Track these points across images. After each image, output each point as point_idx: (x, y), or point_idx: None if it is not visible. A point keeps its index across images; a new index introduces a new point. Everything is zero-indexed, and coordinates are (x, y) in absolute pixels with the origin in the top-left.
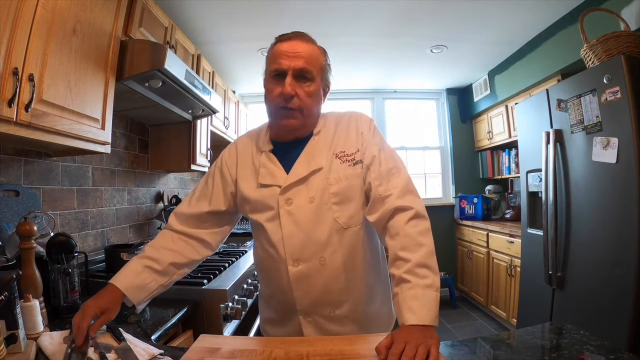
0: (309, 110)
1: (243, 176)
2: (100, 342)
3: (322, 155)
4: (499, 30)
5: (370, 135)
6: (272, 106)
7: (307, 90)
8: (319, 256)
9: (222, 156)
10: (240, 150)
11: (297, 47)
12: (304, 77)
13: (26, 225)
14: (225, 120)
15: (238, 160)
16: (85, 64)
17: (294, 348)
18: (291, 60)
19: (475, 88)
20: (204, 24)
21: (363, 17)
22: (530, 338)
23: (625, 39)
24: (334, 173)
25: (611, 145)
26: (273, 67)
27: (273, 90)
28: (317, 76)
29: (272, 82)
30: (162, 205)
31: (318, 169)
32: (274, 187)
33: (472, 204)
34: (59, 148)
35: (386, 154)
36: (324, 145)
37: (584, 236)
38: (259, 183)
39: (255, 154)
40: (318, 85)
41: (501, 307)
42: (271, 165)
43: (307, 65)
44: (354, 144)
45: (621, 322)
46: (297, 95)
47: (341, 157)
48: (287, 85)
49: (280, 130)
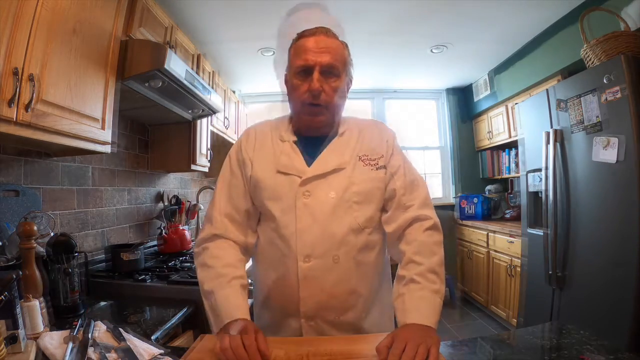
0: (335, 106)
1: (259, 159)
2: (101, 342)
3: (347, 155)
4: (499, 30)
5: (395, 146)
6: (298, 102)
7: (333, 85)
8: (333, 254)
9: (239, 142)
10: (259, 134)
11: (323, 42)
12: (330, 73)
13: (26, 225)
14: (225, 120)
15: (256, 144)
16: (85, 63)
17: (294, 348)
18: (318, 55)
19: (475, 88)
20: (205, 24)
21: (363, 17)
22: (531, 338)
23: (625, 39)
24: (358, 174)
25: (611, 145)
26: (299, 62)
27: (299, 87)
28: (342, 72)
29: (298, 78)
30: (162, 205)
31: (341, 167)
32: (293, 177)
33: (473, 204)
34: (59, 148)
35: (409, 166)
36: (347, 146)
37: (584, 236)
38: (277, 169)
39: (275, 141)
40: (343, 81)
41: (501, 307)
42: (293, 155)
43: (334, 61)
44: (378, 149)
45: (622, 322)
46: (324, 91)
47: (364, 160)
48: (316, 81)
49: (306, 127)
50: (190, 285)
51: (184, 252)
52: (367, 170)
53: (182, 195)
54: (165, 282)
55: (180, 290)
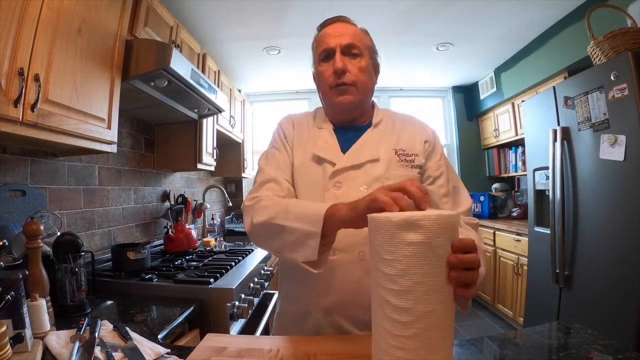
0: (363, 85)
1: (297, 142)
2: (107, 342)
3: (382, 147)
4: (504, 27)
5: (438, 146)
6: (325, 87)
7: (358, 65)
8: (359, 250)
9: (280, 124)
10: (297, 120)
11: (341, 27)
12: (352, 54)
13: (33, 225)
14: (231, 119)
15: (295, 127)
16: (90, 63)
17: (301, 347)
18: (337, 38)
19: (481, 86)
20: (209, 23)
21: (368, 15)
22: (538, 337)
23: (633, 35)
24: (393, 169)
25: (619, 142)
26: (321, 48)
27: (324, 72)
28: (364, 52)
29: (322, 65)
30: (168, 204)
31: (376, 159)
32: (327, 165)
33: (479, 202)
34: (65, 148)
35: (451, 170)
36: (383, 137)
37: (591, 234)
38: (313, 153)
39: (311, 128)
40: (368, 62)
41: (508, 305)
42: (330, 141)
43: (354, 41)
44: (416, 147)
45: (629, 321)
46: (348, 70)
47: (400, 154)
48: (338, 60)
49: (337, 110)
50: (196, 284)
51: (190, 251)
52: (402, 167)
53: (188, 195)
54: (171, 281)
55: (186, 290)
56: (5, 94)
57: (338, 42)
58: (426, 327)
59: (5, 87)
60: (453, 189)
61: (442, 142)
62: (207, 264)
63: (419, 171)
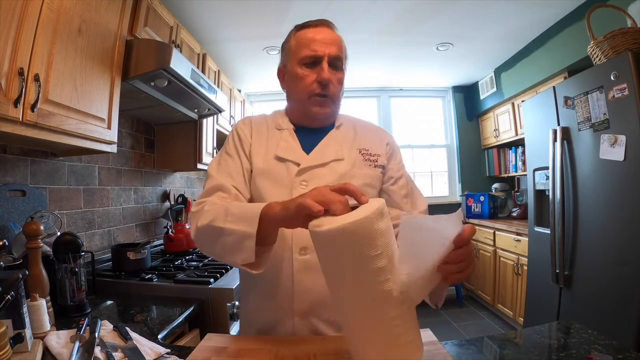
0: (338, 98)
1: (257, 146)
2: (107, 342)
3: (346, 147)
4: (504, 27)
5: (397, 150)
6: (304, 93)
7: (338, 77)
8: None
9: (236, 128)
10: (255, 123)
11: (329, 34)
12: (336, 66)
13: (33, 225)
14: (231, 119)
15: (253, 130)
16: (91, 63)
17: (301, 347)
18: (326, 47)
19: (481, 86)
20: (209, 23)
21: (369, 16)
22: (538, 337)
23: (633, 35)
24: (357, 168)
25: (619, 142)
26: (306, 53)
27: (306, 77)
28: (344, 65)
29: (305, 69)
30: (168, 204)
31: (340, 158)
32: (291, 165)
33: (479, 202)
34: (65, 148)
35: (407, 174)
36: (346, 138)
37: (591, 234)
38: (275, 155)
39: (271, 130)
40: (344, 73)
41: (508, 305)
42: (292, 142)
43: (340, 53)
44: (378, 148)
45: (629, 321)
46: (332, 82)
47: (364, 154)
48: (327, 72)
49: (311, 118)
50: (196, 284)
51: (190, 251)
52: (365, 166)
53: (188, 195)
54: (171, 281)
55: (186, 290)
56: (6, 94)
57: (327, 52)
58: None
59: (5, 87)
60: (411, 191)
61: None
62: (207, 264)
63: (382, 171)
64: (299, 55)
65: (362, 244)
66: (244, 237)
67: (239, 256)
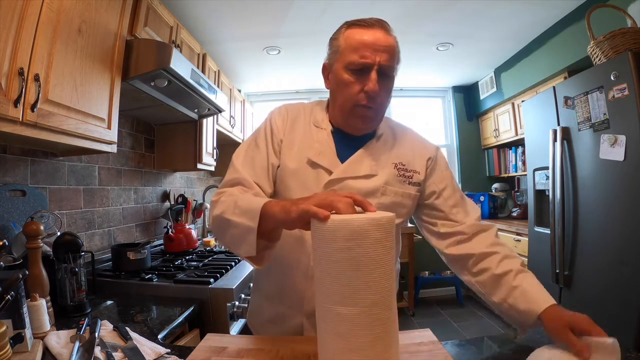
0: (384, 109)
1: (290, 141)
2: (107, 342)
3: (382, 161)
4: (504, 27)
5: (440, 162)
6: (348, 101)
7: (387, 88)
8: None
9: (271, 117)
10: (291, 112)
11: (383, 39)
12: (386, 75)
13: (33, 225)
14: (231, 119)
15: (288, 122)
16: (91, 63)
17: (300, 347)
18: (377, 54)
19: (481, 86)
20: (209, 23)
21: (369, 15)
22: (538, 337)
23: (633, 35)
24: (390, 184)
25: (619, 142)
26: (354, 58)
27: (352, 85)
28: (395, 72)
29: (351, 75)
30: (168, 204)
31: (374, 174)
32: (322, 171)
33: (479, 202)
34: (66, 148)
35: (454, 182)
36: (383, 150)
37: (591, 234)
38: (307, 157)
39: (307, 125)
40: (393, 81)
41: None
42: (327, 146)
43: (392, 62)
44: (416, 163)
45: (629, 322)
46: (379, 94)
47: (399, 169)
48: (374, 83)
49: (351, 127)
50: (196, 284)
51: (190, 251)
52: (399, 182)
53: (188, 195)
54: (171, 281)
55: (186, 290)
56: (6, 94)
57: (377, 60)
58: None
59: (5, 87)
60: (461, 197)
61: (442, 142)
62: (207, 264)
63: (418, 189)
64: (346, 58)
65: (359, 244)
66: (247, 231)
67: (243, 248)
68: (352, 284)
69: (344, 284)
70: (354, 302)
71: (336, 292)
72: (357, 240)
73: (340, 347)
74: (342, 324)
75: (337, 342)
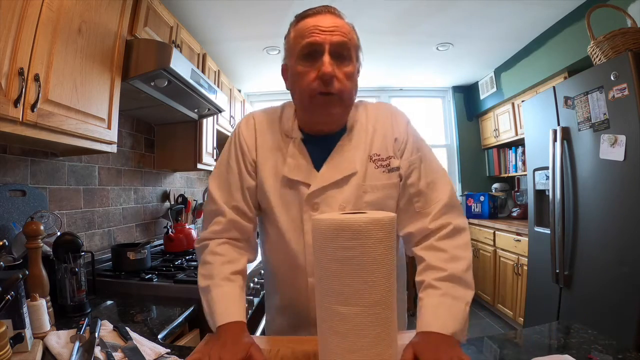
0: (349, 94)
1: (262, 157)
2: (107, 342)
3: (357, 157)
4: (504, 27)
5: (410, 142)
6: (305, 93)
7: (345, 71)
8: None
9: (238, 132)
10: (259, 124)
11: (331, 20)
12: (341, 56)
13: (33, 225)
14: (231, 119)
15: (257, 136)
16: (91, 63)
17: (300, 347)
18: (326, 33)
19: (481, 86)
20: (209, 23)
21: (368, 15)
22: (538, 337)
23: (633, 35)
24: (370, 180)
25: (619, 142)
26: (304, 42)
27: (306, 74)
28: (353, 54)
29: (304, 64)
30: (168, 204)
31: (353, 173)
32: (301, 186)
33: (479, 202)
34: (66, 148)
35: (427, 164)
36: (357, 143)
37: (591, 234)
38: (284, 176)
39: (278, 134)
40: (355, 66)
41: (508, 306)
42: (301, 158)
43: (346, 40)
44: (388, 148)
45: (629, 321)
46: (336, 77)
47: (375, 160)
48: (327, 64)
49: (315, 123)
50: (196, 284)
51: (190, 251)
52: (379, 174)
53: (188, 195)
54: (171, 281)
55: (186, 289)
56: (6, 94)
57: (328, 39)
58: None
59: (5, 87)
60: (426, 186)
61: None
62: None
63: (399, 173)
64: (297, 48)
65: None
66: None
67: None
68: (353, 283)
69: (345, 284)
70: (354, 301)
71: (337, 291)
72: (359, 240)
73: (340, 346)
74: (343, 324)
75: (338, 341)
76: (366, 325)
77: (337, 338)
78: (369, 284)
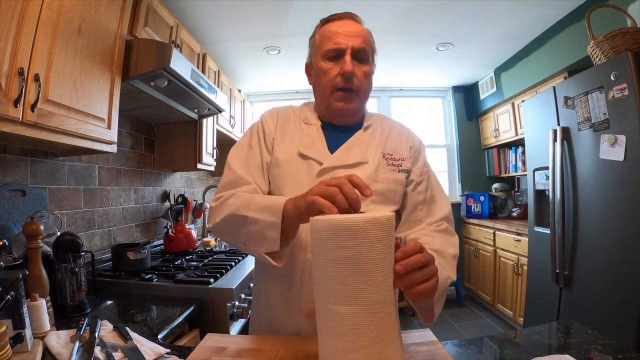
0: (365, 91)
1: (281, 138)
2: (107, 342)
3: (371, 150)
4: (504, 27)
5: (422, 154)
6: (327, 88)
7: (364, 70)
8: None
9: (262, 119)
10: (282, 114)
11: (353, 26)
12: (360, 58)
13: (33, 225)
14: (231, 119)
15: (279, 122)
16: (91, 63)
17: (301, 347)
18: (349, 39)
19: (481, 86)
20: (209, 23)
21: (368, 15)
22: (538, 337)
23: (633, 35)
24: (380, 172)
25: (619, 142)
26: (329, 46)
27: (329, 71)
28: (370, 58)
29: (328, 63)
30: (168, 204)
31: (364, 162)
32: (313, 163)
33: (479, 202)
34: (66, 148)
35: (432, 179)
36: (372, 140)
37: (591, 234)
38: (298, 151)
39: (298, 123)
40: (371, 67)
41: (508, 306)
42: (317, 139)
43: (365, 45)
44: (402, 152)
45: (629, 321)
46: (356, 75)
47: (388, 158)
48: (349, 63)
49: (335, 114)
50: (196, 284)
51: (190, 251)
52: (389, 170)
53: (188, 195)
54: (171, 281)
55: (186, 289)
56: (6, 94)
57: (350, 44)
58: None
59: (5, 87)
60: (430, 197)
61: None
62: (207, 264)
63: (407, 175)
64: (322, 49)
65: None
66: (269, 226)
67: (263, 245)
68: (352, 283)
69: (344, 283)
70: (354, 301)
71: (336, 291)
72: (357, 240)
73: (340, 346)
74: (343, 324)
75: (338, 341)
76: (366, 324)
77: (337, 338)
78: (368, 284)
